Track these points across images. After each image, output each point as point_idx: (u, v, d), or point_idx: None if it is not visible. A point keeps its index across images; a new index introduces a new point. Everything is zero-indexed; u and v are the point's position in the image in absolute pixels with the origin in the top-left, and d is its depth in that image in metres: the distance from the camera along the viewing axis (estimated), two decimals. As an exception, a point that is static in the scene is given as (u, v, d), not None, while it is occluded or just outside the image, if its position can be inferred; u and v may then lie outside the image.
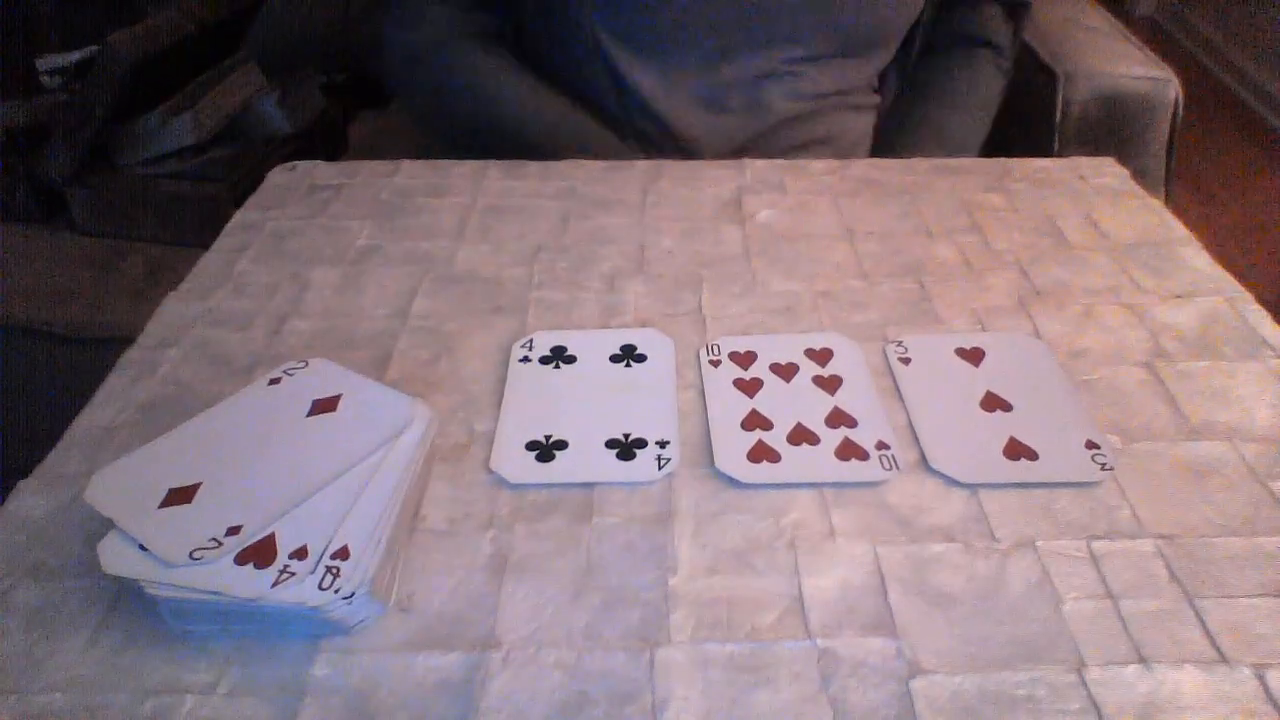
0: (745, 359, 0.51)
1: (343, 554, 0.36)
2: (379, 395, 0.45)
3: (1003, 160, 0.73)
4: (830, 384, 0.49)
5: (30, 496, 0.43)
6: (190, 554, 0.36)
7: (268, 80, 1.21)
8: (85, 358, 0.99)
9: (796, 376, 0.50)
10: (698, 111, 0.79)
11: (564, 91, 0.81)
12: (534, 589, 0.39)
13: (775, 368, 0.50)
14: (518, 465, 0.44)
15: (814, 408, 0.48)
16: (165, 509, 0.38)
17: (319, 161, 0.72)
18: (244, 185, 1.04)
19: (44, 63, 1.32)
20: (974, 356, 0.51)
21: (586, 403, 0.48)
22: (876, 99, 0.89)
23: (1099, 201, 0.66)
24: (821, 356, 0.51)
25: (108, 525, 0.37)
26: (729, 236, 0.62)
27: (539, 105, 0.80)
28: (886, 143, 0.88)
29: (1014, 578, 0.39)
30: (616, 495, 0.43)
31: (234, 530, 0.37)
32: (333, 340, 0.53)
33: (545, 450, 0.45)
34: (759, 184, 0.69)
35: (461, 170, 0.71)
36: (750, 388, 0.49)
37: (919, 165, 0.71)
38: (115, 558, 0.36)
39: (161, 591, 0.35)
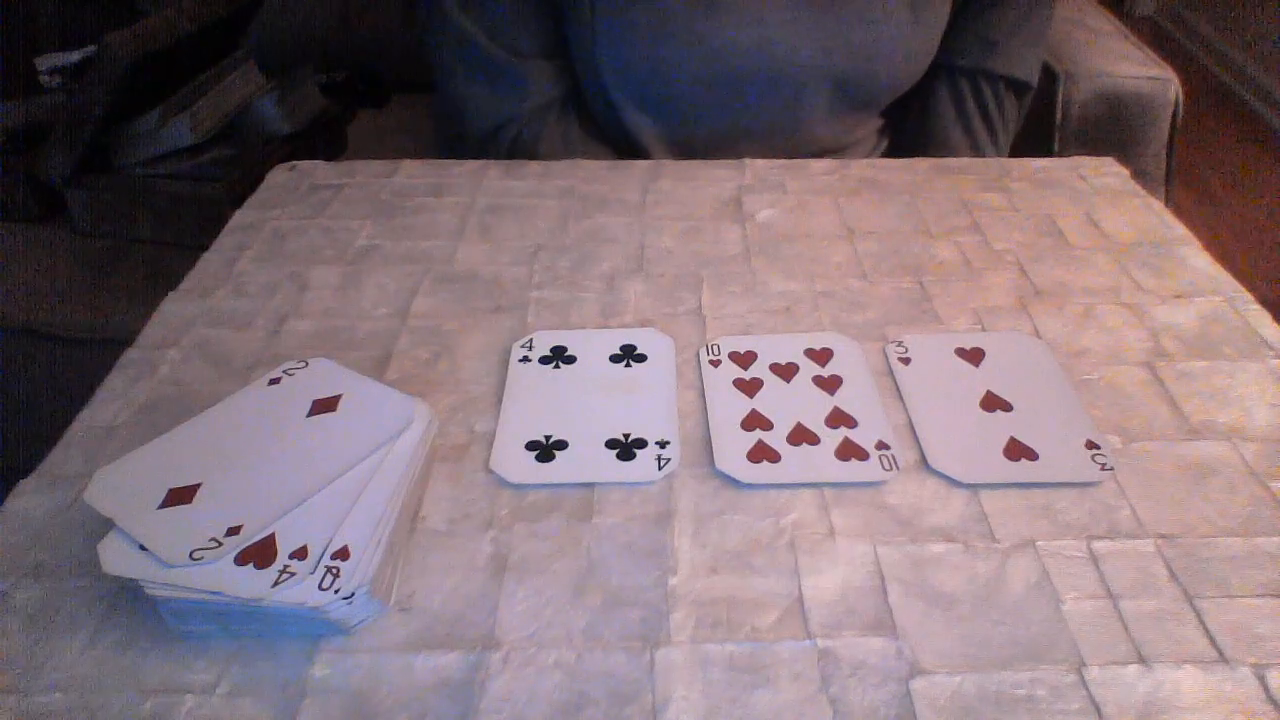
0: (745, 359, 0.51)
1: (343, 554, 0.36)
2: (379, 395, 0.45)
3: (1003, 160, 0.73)
4: (830, 384, 0.49)
5: (30, 496, 0.43)
6: (190, 554, 0.36)
7: (266, 80, 1.21)
8: (85, 358, 0.99)
9: (796, 376, 0.50)
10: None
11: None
12: (534, 589, 0.39)
13: (775, 368, 0.50)
14: (518, 465, 0.44)
15: (814, 408, 0.48)
16: (165, 509, 0.38)
17: (319, 161, 0.72)
18: (243, 185, 1.04)
19: (44, 62, 1.32)
20: (974, 356, 0.51)
21: (586, 403, 0.48)
22: (884, 141, 0.90)
23: (1099, 201, 0.66)
24: (821, 356, 0.51)
25: (108, 525, 0.37)
26: (729, 236, 0.62)
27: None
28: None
29: (1014, 578, 0.39)
30: (616, 495, 0.43)
31: (234, 530, 0.37)
32: (333, 340, 0.53)
33: (545, 450, 0.45)
34: (759, 184, 0.69)
35: (461, 170, 0.71)
36: (750, 388, 0.49)
37: (919, 165, 0.71)
38: (115, 558, 0.36)
39: (161, 591, 0.35)
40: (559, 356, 0.51)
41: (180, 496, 0.38)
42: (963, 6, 0.82)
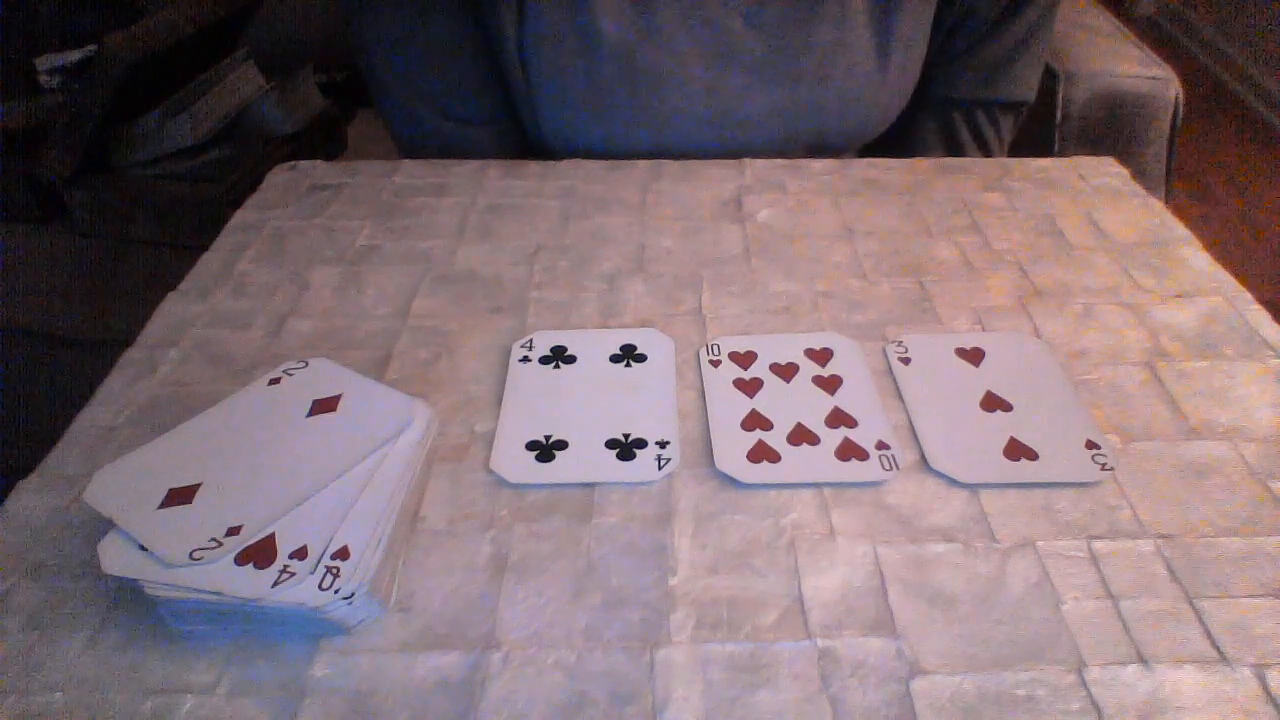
0: (745, 359, 0.51)
1: (343, 554, 0.36)
2: (379, 395, 0.45)
3: (1003, 160, 0.73)
4: (830, 384, 0.49)
5: (30, 496, 0.43)
6: (190, 554, 0.36)
7: (266, 80, 1.21)
8: (85, 358, 0.98)
9: (796, 376, 0.50)
10: None
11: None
12: (534, 589, 0.39)
13: (775, 368, 0.50)
14: (518, 465, 0.44)
15: (814, 408, 0.48)
16: (165, 509, 0.38)
17: (319, 161, 0.72)
18: (242, 185, 1.04)
19: (44, 63, 1.32)
20: (974, 356, 0.51)
21: (586, 403, 0.48)
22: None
23: (1099, 201, 0.66)
24: (821, 356, 0.51)
25: (108, 525, 0.37)
26: (729, 236, 0.62)
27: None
28: None
29: (1014, 578, 0.39)
30: (616, 495, 0.43)
31: (234, 530, 0.37)
32: (333, 340, 0.53)
33: (545, 450, 0.45)
34: (759, 184, 0.69)
35: (461, 170, 0.71)
36: (750, 388, 0.49)
37: (919, 165, 0.71)
38: (115, 558, 0.36)
39: (161, 591, 0.35)
40: (559, 356, 0.51)
41: (180, 496, 0.39)
42: (949, 41, 0.80)
